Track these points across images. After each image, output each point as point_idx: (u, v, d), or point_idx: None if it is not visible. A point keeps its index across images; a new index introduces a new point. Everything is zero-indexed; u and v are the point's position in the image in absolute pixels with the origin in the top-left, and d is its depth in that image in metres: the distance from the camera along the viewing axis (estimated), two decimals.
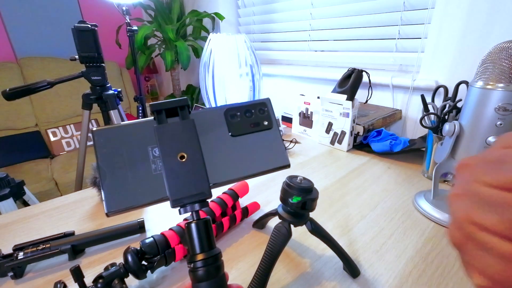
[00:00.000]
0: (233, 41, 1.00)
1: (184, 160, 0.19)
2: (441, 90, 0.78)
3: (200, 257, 0.20)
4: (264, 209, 0.54)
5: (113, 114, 0.98)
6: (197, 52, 1.67)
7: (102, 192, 0.19)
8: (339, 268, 0.40)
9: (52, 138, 1.84)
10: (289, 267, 0.40)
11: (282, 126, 0.99)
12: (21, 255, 0.38)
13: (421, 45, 0.87)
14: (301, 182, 0.34)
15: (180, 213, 0.20)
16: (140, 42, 1.49)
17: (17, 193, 0.90)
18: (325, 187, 0.61)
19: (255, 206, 0.51)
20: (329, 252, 0.42)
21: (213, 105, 1.09)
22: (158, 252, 0.36)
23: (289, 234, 0.35)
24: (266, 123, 0.22)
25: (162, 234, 0.38)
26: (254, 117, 0.22)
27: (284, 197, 0.34)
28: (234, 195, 0.47)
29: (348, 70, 0.83)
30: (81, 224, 0.50)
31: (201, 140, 0.20)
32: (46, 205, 0.55)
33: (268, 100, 0.23)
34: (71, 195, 0.59)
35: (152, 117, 0.20)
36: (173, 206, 0.19)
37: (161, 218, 0.51)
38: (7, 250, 0.43)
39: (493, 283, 0.12)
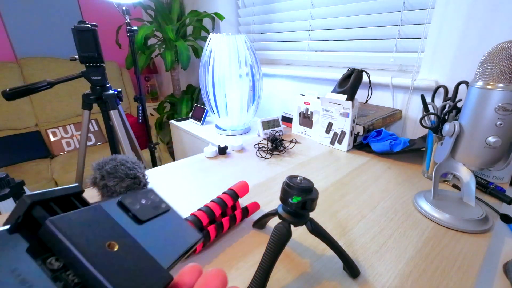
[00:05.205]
0: (233, 41, 1.00)
1: (116, 249, 0.14)
2: (441, 90, 0.78)
3: None
4: (264, 209, 0.54)
5: (113, 114, 0.98)
6: (197, 52, 1.67)
7: None
8: (339, 268, 0.40)
9: (52, 138, 1.84)
10: (289, 267, 0.40)
11: (282, 126, 0.99)
12: None
13: (421, 45, 0.87)
14: (301, 182, 0.34)
15: None
16: (140, 42, 1.49)
17: (17, 193, 0.90)
18: (325, 187, 0.61)
19: (255, 206, 0.51)
20: (329, 252, 0.42)
21: (213, 106, 1.09)
22: None
23: (289, 234, 0.35)
24: (163, 206, 0.20)
25: None
26: (150, 203, 0.20)
27: (284, 197, 0.34)
28: (234, 195, 0.47)
29: (348, 70, 0.83)
30: None
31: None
32: None
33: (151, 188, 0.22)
34: None
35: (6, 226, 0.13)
36: None
37: None
38: None
39: None
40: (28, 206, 0.13)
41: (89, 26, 0.86)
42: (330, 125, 0.82)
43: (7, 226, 0.13)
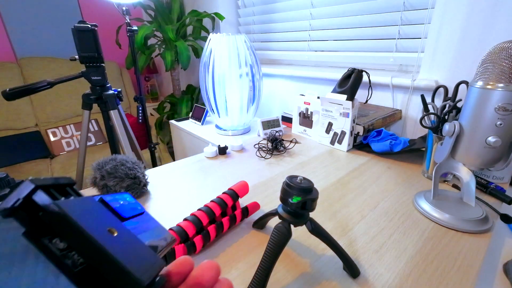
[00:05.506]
0: (233, 41, 1.00)
1: (116, 235, 0.15)
2: (441, 90, 0.78)
3: None
4: (264, 209, 0.54)
5: (113, 114, 0.98)
6: (197, 52, 1.67)
7: None
8: (339, 268, 0.40)
9: (52, 138, 1.84)
10: (289, 267, 0.40)
11: (282, 126, 0.99)
12: None
13: (421, 45, 0.87)
14: (301, 182, 0.34)
15: None
16: (140, 42, 1.49)
17: None
18: (325, 187, 0.61)
19: (255, 206, 0.51)
20: (329, 252, 0.42)
21: (213, 106, 1.09)
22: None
23: (289, 234, 0.35)
24: (139, 208, 0.21)
25: None
26: (128, 204, 0.20)
27: (284, 197, 0.34)
28: (234, 195, 0.47)
29: (348, 70, 0.83)
30: None
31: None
32: None
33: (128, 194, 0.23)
34: None
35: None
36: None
37: (161, 218, 0.51)
38: None
39: None
40: (31, 190, 0.13)
41: (89, 26, 0.86)
42: (330, 125, 0.82)
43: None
